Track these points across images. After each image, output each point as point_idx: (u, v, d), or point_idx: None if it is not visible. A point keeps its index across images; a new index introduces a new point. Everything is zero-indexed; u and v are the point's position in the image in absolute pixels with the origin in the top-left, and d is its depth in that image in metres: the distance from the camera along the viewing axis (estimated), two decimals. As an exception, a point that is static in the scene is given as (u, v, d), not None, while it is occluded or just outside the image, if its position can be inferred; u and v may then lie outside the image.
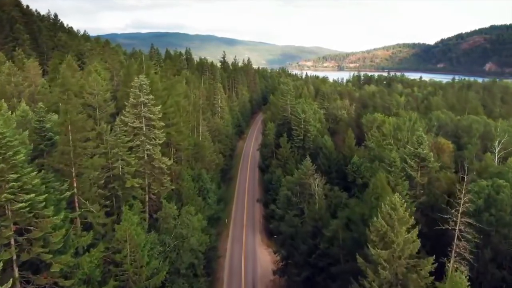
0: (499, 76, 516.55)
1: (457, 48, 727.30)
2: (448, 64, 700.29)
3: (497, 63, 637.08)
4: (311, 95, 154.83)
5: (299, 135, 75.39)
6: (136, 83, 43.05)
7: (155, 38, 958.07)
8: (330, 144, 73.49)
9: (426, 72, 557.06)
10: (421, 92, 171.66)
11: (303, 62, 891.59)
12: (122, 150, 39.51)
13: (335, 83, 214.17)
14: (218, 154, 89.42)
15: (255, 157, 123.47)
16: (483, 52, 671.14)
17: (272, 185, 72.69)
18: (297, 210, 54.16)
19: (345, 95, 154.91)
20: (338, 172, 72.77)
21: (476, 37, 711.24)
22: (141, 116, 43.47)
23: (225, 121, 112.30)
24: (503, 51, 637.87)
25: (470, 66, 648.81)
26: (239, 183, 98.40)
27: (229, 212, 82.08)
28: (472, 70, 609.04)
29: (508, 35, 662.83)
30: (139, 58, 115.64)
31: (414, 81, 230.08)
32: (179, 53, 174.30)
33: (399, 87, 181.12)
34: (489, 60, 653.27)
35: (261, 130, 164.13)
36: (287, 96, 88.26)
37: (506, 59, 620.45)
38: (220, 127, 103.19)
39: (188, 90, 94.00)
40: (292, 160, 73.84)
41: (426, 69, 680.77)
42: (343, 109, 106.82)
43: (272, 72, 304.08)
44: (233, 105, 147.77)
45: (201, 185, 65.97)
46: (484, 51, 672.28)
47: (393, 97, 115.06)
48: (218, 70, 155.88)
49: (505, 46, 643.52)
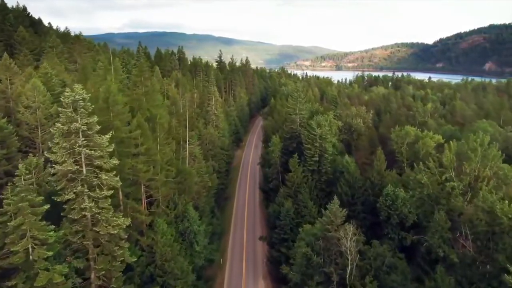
0: (499, 76, 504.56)
1: (456, 47, 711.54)
2: (447, 64, 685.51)
3: (497, 63, 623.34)
4: (317, 99, 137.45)
5: (314, 156, 57.97)
6: (67, 98, 25.58)
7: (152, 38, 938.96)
8: (354, 168, 56.32)
9: (425, 71, 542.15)
10: (435, 94, 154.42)
11: (301, 62, 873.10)
12: (34, 217, 22.08)
13: (339, 85, 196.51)
14: (212, 174, 72.12)
15: (255, 172, 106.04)
16: (482, 52, 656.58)
17: (279, 220, 55.43)
18: (321, 275, 37.08)
19: (354, 99, 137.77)
20: (365, 205, 55.71)
21: (475, 37, 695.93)
22: (77, 153, 26.05)
23: (220, 131, 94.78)
24: (502, 51, 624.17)
25: (470, 65, 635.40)
26: (237, 207, 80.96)
27: (224, 247, 64.62)
28: (472, 69, 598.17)
29: (507, 34, 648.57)
30: (120, 57, 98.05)
31: (424, 82, 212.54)
32: (171, 52, 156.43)
33: (410, 89, 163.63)
34: (489, 60, 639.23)
35: (261, 136, 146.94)
36: (296, 104, 70.67)
37: (506, 58, 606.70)
38: (214, 139, 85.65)
39: (177, 96, 76.67)
40: (305, 188, 56.55)
41: (425, 68, 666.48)
42: (359, 117, 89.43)
43: (272, 72, 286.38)
44: (230, 109, 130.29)
45: (187, 226, 48.77)
46: (483, 51, 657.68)
47: (417, 104, 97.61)
48: (213, 71, 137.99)
49: (504, 46, 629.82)
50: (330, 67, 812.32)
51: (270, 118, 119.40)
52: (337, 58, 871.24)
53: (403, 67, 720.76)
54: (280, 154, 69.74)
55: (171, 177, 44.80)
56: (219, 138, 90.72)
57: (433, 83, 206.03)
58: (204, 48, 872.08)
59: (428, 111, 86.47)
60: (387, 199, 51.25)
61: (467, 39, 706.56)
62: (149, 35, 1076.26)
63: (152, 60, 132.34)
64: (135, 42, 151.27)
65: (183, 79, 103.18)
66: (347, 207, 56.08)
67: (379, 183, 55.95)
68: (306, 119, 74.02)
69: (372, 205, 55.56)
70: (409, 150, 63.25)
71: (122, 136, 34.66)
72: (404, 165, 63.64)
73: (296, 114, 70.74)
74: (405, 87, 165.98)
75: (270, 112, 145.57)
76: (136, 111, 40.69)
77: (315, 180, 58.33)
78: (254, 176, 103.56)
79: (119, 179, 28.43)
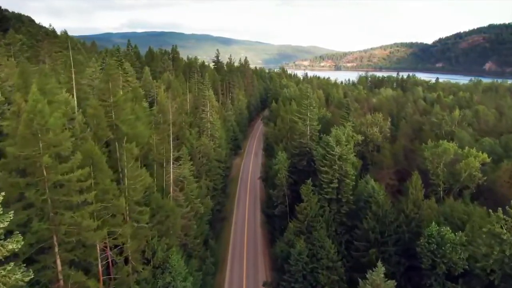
0: (499, 76, 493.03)
1: (456, 47, 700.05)
2: (447, 64, 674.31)
3: (497, 63, 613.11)
4: (322, 102, 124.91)
5: (332, 181, 45.41)
6: None
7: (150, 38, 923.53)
8: (383, 198, 43.94)
9: (425, 71, 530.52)
10: (448, 97, 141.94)
11: (299, 62, 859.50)
12: None
13: (344, 86, 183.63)
14: (205, 197, 59.62)
15: (255, 185, 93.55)
16: (482, 52, 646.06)
17: (289, 264, 42.92)
18: None
19: (363, 102, 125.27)
20: (398, 245, 43.35)
21: (475, 37, 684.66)
22: None
23: (216, 140, 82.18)
24: (502, 51, 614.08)
25: (470, 65, 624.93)
26: (235, 233, 68.52)
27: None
28: (472, 69, 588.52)
29: (507, 34, 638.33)
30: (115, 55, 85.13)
31: (431, 83, 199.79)
32: (164, 51, 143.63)
33: (420, 90, 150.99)
34: (489, 60, 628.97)
35: (261, 142, 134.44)
36: (306, 112, 57.96)
37: (506, 58, 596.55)
38: (209, 151, 73.11)
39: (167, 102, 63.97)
40: (321, 222, 44.09)
41: (424, 68, 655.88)
42: (375, 126, 76.94)
43: (271, 73, 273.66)
44: (227, 114, 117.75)
45: (169, 282, 36.28)
46: (483, 51, 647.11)
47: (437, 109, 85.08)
48: (210, 72, 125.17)
49: (504, 46, 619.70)
50: (329, 67, 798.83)
51: (271, 124, 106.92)
52: (336, 58, 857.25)
53: (402, 67, 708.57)
54: (287, 173, 57.18)
55: (145, 221, 32.21)
56: (215, 149, 78.21)
57: (442, 84, 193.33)
58: (202, 48, 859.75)
59: (456, 119, 73.90)
60: (430, 242, 38.94)
61: (467, 39, 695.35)
62: (148, 35, 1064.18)
63: (143, 60, 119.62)
64: (133, 42, 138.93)
65: (175, 82, 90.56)
66: (375, 247, 43.89)
67: (415, 216, 43.64)
68: (317, 130, 61.60)
69: (407, 246, 43.34)
70: (446, 171, 50.86)
71: (57, 179, 22.17)
72: (440, 190, 51.28)
73: (306, 125, 58.10)
74: (414, 89, 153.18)
75: (271, 117, 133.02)
76: (93, 133, 28.17)
77: (334, 211, 45.79)
78: (254, 191, 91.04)
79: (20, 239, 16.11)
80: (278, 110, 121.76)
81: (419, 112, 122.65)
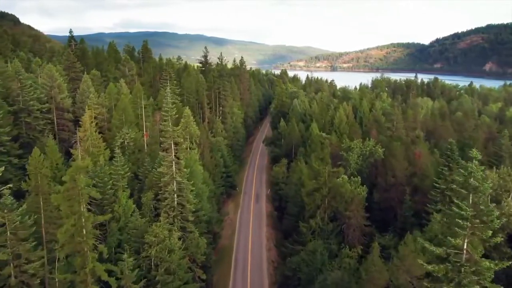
0: (501, 77, 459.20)
1: (454, 47, 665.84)
2: (445, 64, 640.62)
3: (498, 63, 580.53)
4: (350, 120, 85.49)
5: None
6: None
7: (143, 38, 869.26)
8: None
9: (423, 72, 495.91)
10: (508, 109, 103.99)
11: (294, 62, 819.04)
12: None
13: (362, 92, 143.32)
14: None
15: (261, 262, 54.26)
16: (481, 52, 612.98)
17: None
18: None
19: (409, 121, 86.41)
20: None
21: (473, 37, 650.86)
22: None
23: (191, 203, 42.70)
24: (503, 51, 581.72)
25: (469, 66, 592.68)
26: None
27: None
28: (472, 70, 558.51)
29: (506, 34, 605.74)
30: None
31: (462, 88, 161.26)
32: (131, 48, 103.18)
33: (469, 101, 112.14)
34: (489, 60, 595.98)
35: (264, 173, 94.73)
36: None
37: (507, 58, 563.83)
38: (170, 260, 33.83)
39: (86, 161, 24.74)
40: None
41: (422, 69, 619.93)
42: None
43: (270, 75, 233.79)
44: (217, 140, 78.46)
45: None
46: (482, 51, 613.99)
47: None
48: (190, 78, 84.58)
49: (504, 46, 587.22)
50: (325, 67, 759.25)
51: (282, 165, 67.70)
52: (331, 59, 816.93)
53: (399, 67, 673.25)
54: None
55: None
56: (190, 216, 38.85)
57: (477, 89, 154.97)
58: (195, 48, 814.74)
59: None
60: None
61: (465, 39, 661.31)
62: (140, 35, 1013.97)
63: (91, 61, 79.00)
64: (125, 41, 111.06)
65: (124, 101, 50.55)
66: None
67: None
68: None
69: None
70: None
71: None
72: None
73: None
74: (463, 98, 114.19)
75: (277, 140, 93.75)
76: None
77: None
78: (260, 278, 51.57)
79: None
80: (290, 133, 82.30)
81: (485, 133, 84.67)
